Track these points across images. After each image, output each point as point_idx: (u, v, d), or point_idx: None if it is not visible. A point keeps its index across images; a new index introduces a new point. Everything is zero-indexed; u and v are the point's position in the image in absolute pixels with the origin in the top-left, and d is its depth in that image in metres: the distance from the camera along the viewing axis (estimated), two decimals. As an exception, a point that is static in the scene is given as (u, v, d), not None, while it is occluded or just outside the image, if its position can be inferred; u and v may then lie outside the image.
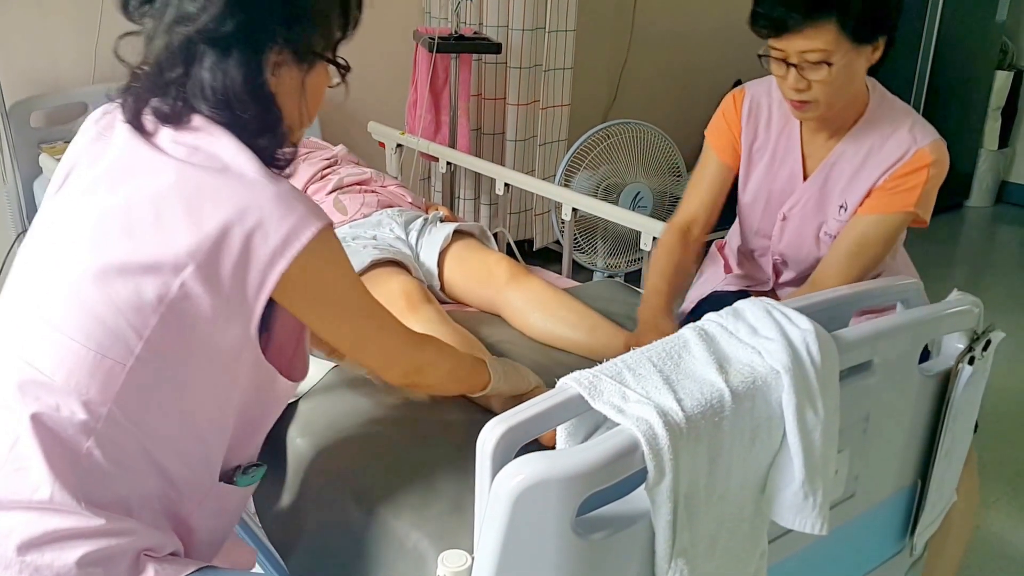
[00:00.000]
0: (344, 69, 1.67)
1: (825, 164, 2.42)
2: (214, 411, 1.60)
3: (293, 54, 1.55)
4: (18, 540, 1.44)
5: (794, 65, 2.18)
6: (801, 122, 2.43)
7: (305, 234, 1.46)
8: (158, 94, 1.53)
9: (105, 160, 1.56)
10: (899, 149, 2.32)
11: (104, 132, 1.61)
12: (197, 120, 1.51)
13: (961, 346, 1.80)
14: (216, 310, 1.46)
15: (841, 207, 2.42)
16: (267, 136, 1.55)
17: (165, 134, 1.52)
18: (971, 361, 1.78)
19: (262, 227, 1.44)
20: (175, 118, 1.52)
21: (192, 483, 1.63)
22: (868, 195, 2.36)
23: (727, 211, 2.68)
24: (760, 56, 2.27)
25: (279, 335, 1.68)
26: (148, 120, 1.54)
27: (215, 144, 1.50)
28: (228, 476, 1.71)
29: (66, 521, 1.46)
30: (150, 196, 1.47)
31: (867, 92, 2.36)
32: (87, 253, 1.49)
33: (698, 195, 2.61)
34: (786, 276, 2.65)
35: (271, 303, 1.53)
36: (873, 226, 2.33)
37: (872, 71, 2.29)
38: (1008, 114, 7.06)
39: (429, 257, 2.84)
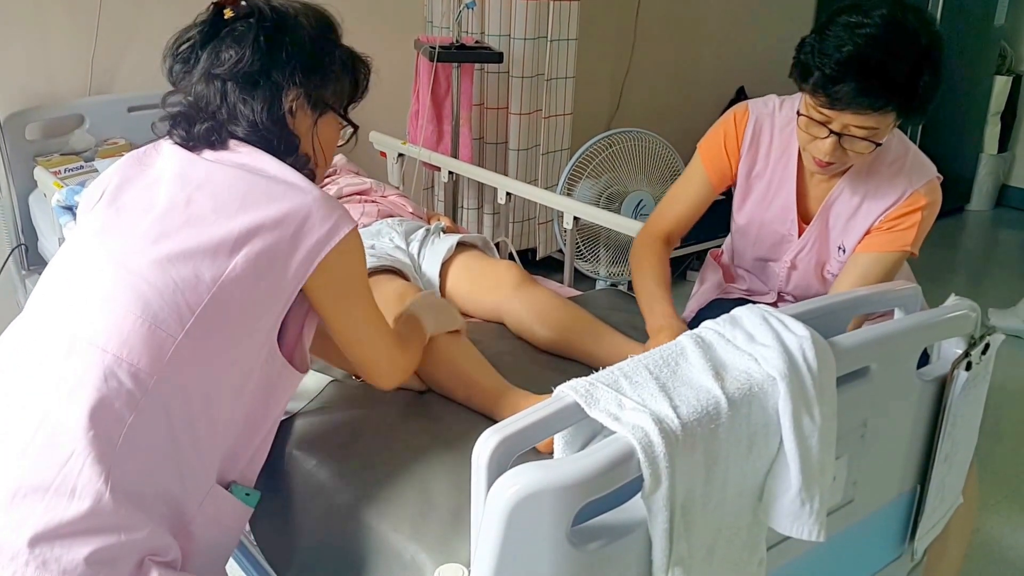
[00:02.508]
0: (353, 126, 2.00)
1: (824, 206, 2.41)
2: (232, 395, 1.71)
3: (307, 98, 1.86)
4: (32, 531, 1.47)
5: (836, 133, 2.15)
6: (800, 156, 2.41)
7: (344, 228, 1.73)
8: (202, 121, 1.81)
9: (154, 173, 1.81)
10: (894, 192, 2.32)
11: (143, 158, 1.85)
12: (233, 143, 1.81)
13: (959, 351, 1.80)
14: (260, 294, 1.68)
15: (840, 248, 2.43)
16: (291, 158, 1.83)
17: (208, 154, 1.80)
18: (968, 366, 1.78)
19: (312, 218, 1.70)
20: (216, 143, 1.80)
21: (198, 476, 1.69)
22: (866, 234, 2.37)
23: (723, 221, 2.68)
24: (798, 113, 2.23)
25: (287, 328, 1.83)
26: (193, 142, 1.82)
27: (258, 161, 1.78)
28: (225, 486, 1.77)
29: (82, 506, 1.49)
30: (208, 193, 1.72)
31: None
32: (149, 245, 1.68)
33: (680, 207, 2.60)
34: (790, 299, 2.65)
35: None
36: (873, 265, 2.33)
37: None
38: (1007, 118, 7.08)
39: (431, 268, 2.84)
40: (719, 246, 2.90)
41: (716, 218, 2.65)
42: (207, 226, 1.68)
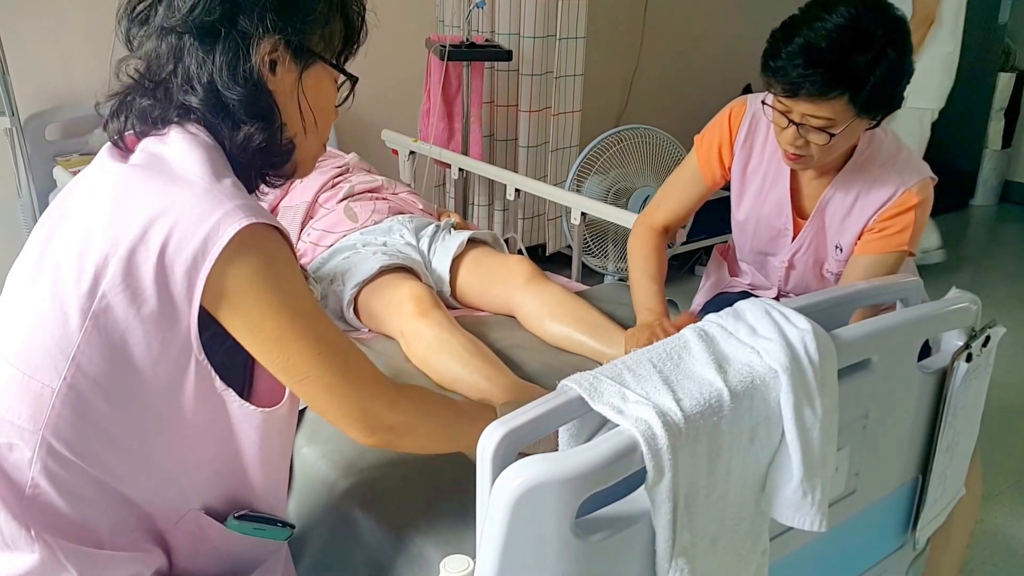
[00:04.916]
0: (350, 78, 1.63)
1: (820, 205, 2.44)
2: (176, 445, 1.48)
3: (287, 47, 1.50)
4: None
5: (796, 123, 2.18)
6: None
7: (226, 231, 1.34)
8: (146, 95, 1.51)
9: (75, 190, 1.54)
10: (887, 190, 2.34)
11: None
12: (172, 128, 1.49)
13: (960, 343, 1.81)
14: (145, 324, 1.37)
15: (837, 247, 2.45)
16: (258, 123, 1.50)
17: (139, 147, 1.51)
18: (968, 358, 1.79)
19: (182, 224, 1.34)
20: (157, 123, 1.50)
21: (165, 509, 1.53)
22: (861, 235, 2.40)
23: (730, 217, 2.70)
24: (763, 104, 2.27)
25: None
26: (130, 135, 1.54)
27: (168, 148, 1.46)
28: (224, 514, 1.60)
29: (20, 559, 1.39)
30: (85, 210, 1.44)
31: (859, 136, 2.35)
32: (28, 276, 1.46)
33: (676, 200, 2.64)
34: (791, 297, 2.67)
35: None
36: (874, 266, 2.35)
37: None
38: (1011, 115, 7.14)
39: (441, 263, 2.87)
40: (726, 241, 2.92)
41: (724, 214, 2.67)
42: (71, 251, 1.39)
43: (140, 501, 1.50)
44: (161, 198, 1.37)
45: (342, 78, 1.64)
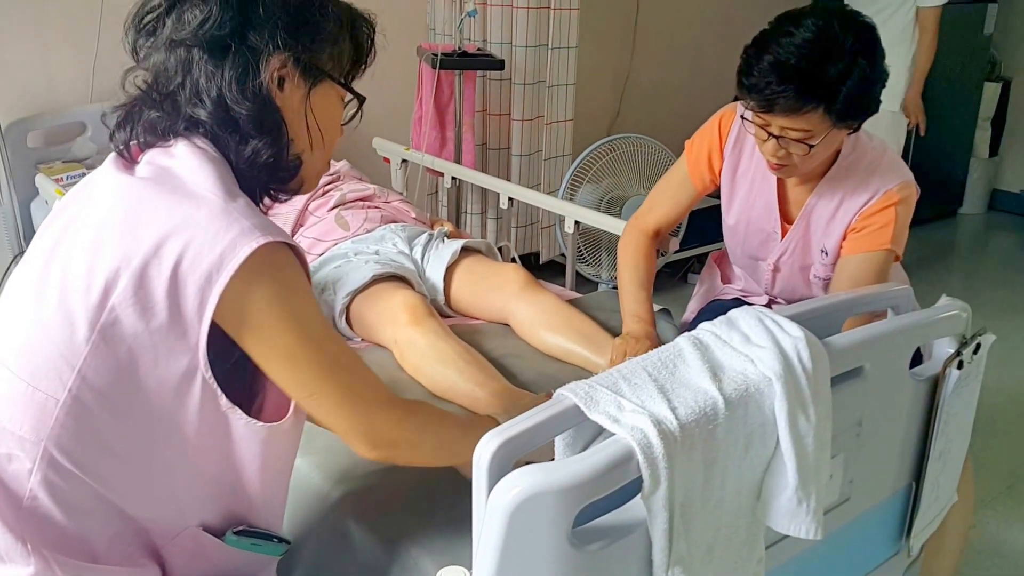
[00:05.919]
0: (358, 97, 1.66)
1: (804, 212, 2.44)
2: (177, 460, 1.48)
3: (296, 64, 1.53)
4: None
5: (775, 136, 2.19)
6: None
7: (243, 249, 1.36)
8: (154, 107, 1.51)
9: (86, 191, 1.54)
10: (869, 191, 2.34)
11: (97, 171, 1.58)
12: (179, 141, 1.49)
13: (951, 350, 1.82)
14: (153, 338, 1.37)
15: (822, 251, 2.46)
16: (266, 138, 1.51)
17: (144, 159, 1.51)
18: (960, 365, 1.80)
19: (197, 241, 1.35)
20: (164, 134, 1.50)
21: (162, 524, 1.53)
22: (844, 237, 2.40)
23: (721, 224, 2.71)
24: (742, 118, 2.29)
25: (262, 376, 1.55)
26: (135, 146, 1.53)
27: (177, 162, 1.46)
28: (221, 530, 1.60)
29: (14, 572, 1.39)
30: (93, 218, 1.44)
31: (841, 142, 2.35)
32: (33, 287, 1.45)
33: (667, 204, 2.65)
34: (781, 302, 2.67)
35: None
36: (860, 265, 2.35)
37: None
38: (997, 124, 7.18)
39: (435, 272, 2.86)
40: (721, 249, 2.93)
41: (717, 222, 2.68)
42: (80, 262, 1.40)
43: (138, 516, 1.50)
44: (176, 214, 1.38)
45: (349, 96, 1.65)
